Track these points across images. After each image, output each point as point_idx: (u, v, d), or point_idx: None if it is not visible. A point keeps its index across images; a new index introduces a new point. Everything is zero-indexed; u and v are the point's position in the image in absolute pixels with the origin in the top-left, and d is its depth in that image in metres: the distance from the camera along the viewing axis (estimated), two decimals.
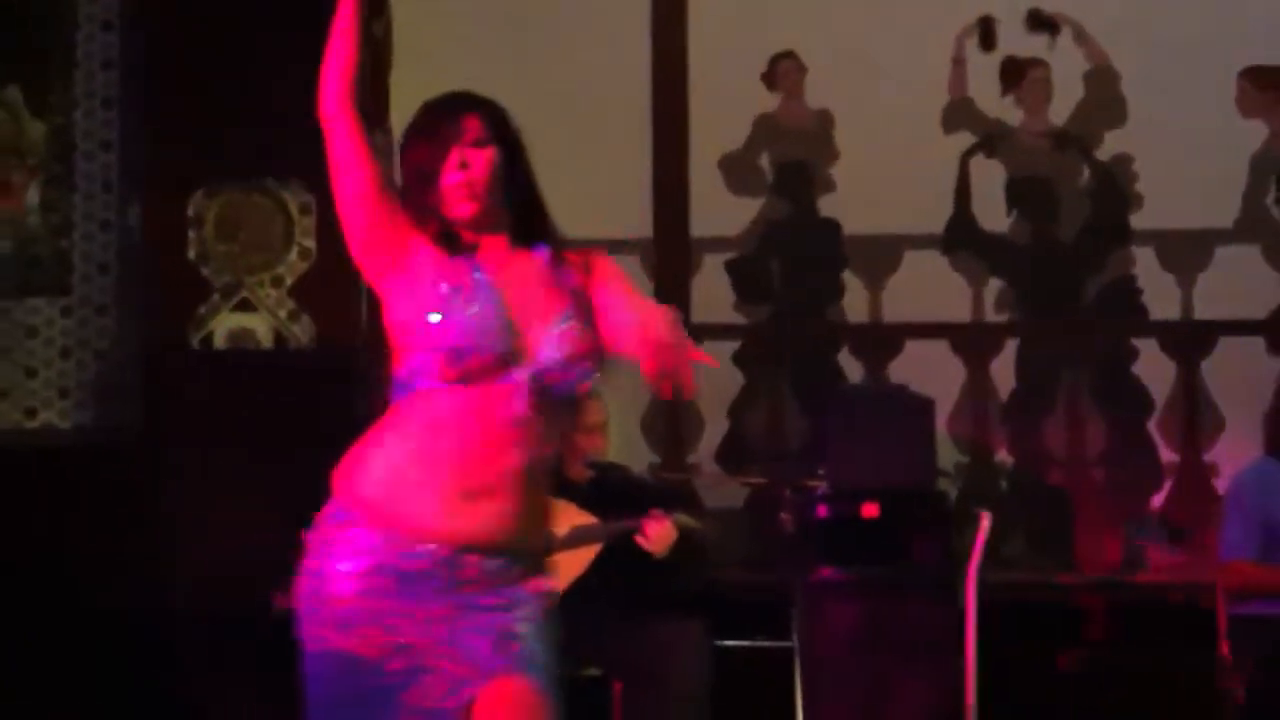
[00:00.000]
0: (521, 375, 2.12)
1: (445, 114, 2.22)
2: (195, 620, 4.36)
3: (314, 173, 4.56)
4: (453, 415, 2.11)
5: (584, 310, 2.16)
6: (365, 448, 2.18)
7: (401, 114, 5.06)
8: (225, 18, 4.58)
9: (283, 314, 4.66)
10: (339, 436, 4.70)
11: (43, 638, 4.37)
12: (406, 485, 2.12)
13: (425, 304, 2.14)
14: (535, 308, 2.16)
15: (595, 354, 2.15)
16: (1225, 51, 5.34)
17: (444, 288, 2.14)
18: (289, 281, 4.65)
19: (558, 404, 2.15)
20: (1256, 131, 5.36)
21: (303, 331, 4.64)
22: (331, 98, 2.19)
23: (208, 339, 4.67)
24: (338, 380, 4.53)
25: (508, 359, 2.12)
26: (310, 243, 4.62)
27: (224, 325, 4.67)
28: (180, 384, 4.62)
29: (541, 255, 2.22)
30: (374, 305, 4.77)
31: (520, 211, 2.22)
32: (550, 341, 2.14)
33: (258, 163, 4.59)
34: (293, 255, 4.65)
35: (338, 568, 2.12)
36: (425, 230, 2.18)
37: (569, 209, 5.78)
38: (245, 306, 4.67)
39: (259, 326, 4.67)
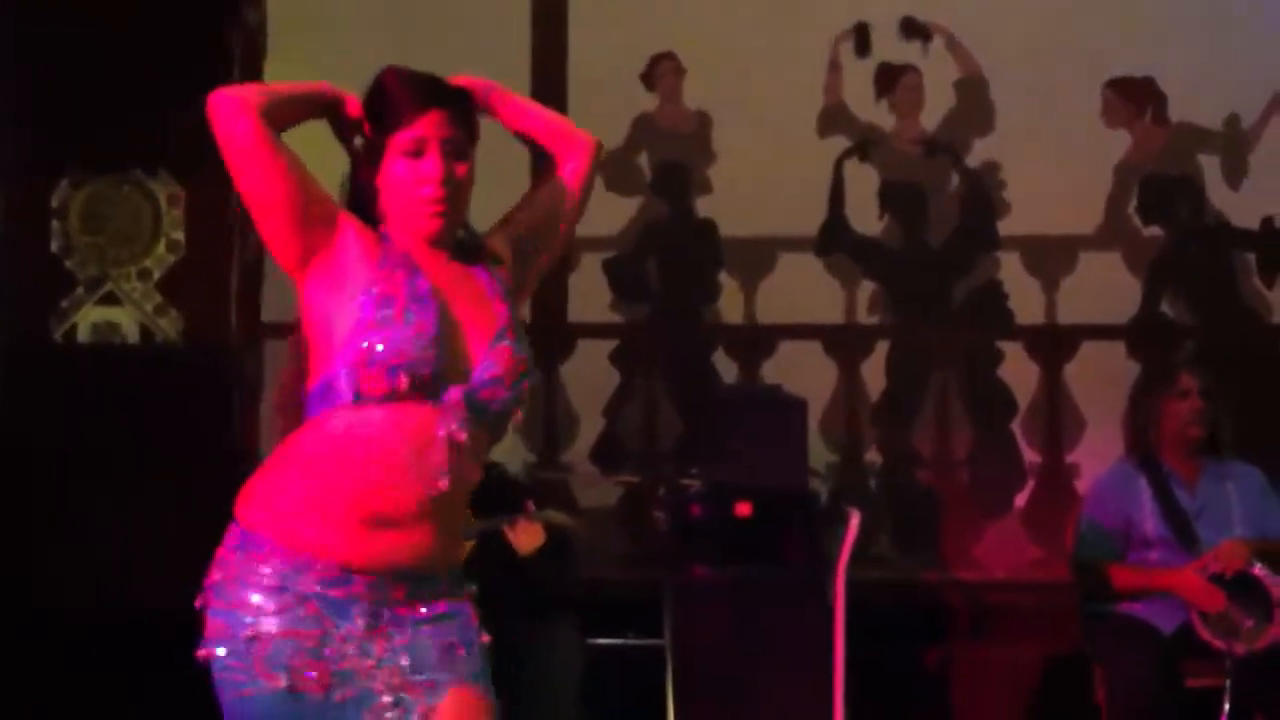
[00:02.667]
0: (455, 395, 2.00)
1: (425, 108, 2.05)
2: (57, 621, 4.25)
3: (183, 164, 4.51)
4: (377, 435, 1.98)
5: (517, 320, 2.09)
6: (275, 470, 2.05)
7: None
8: (94, 4, 4.47)
9: (150, 308, 4.56)
10: (208, 434, 4.63)
11: None
12: (324, 514, 1.99)
13: (354, 309, 1.99)
14: (473, 321, 2.04)
15: (528, 373, 2.06)
16: (1091, 63, 5.48)
17: (375, 293, 2.00)
18: (156, 275, 4.54)
19: (489, 424, 2.04)
20: (1120, 141, 5.52)
21: (171, 326, 4.54)
22: (243, 103, 2.00)
23: (71, 333, 4.55)
24: (207, 377, 4.45)
25: (442, 377, 1.99)
26: (179, 235, 4.51)
27: (88, 319, 4.55)
28: (42, 378, 4.50)
29: (480, 272, 2.11)
30: (245, 301, 4.73)
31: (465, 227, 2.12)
32: (487, 359, 2.03)
33: (125, 153, 4.49)
34: (160, 248, 4.54)
35: (253, 601, 1.99)
36: (360, 221, 2.06)
37: None
38: (111, 300, 4.55)
39: (125, 321, 4.55)
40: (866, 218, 5.47)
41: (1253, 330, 5.42)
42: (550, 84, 5.45)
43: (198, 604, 2.05)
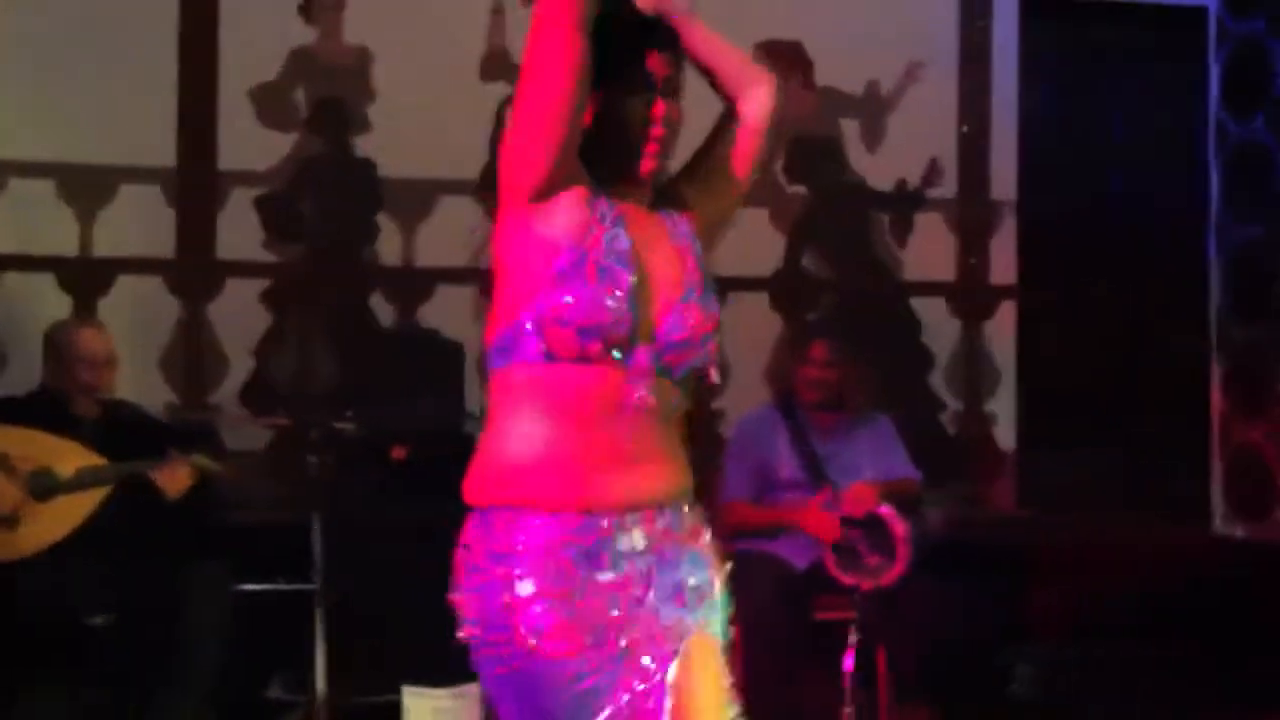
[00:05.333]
0: (643, 358, 1.96)
1: (647, 49, 2.00)
2: None
3: None
4: (573, 397, 1.94)
5: (708, 274, 2.04)
6: (491, 444, 1.99)
7: None
8: None
9: None
10: None
11: None
12: (551, 466, 1.93)
13: (550, 261, 1.92)
14: (665, 278, 2.00)
15: (716, 331, 2.02)
16: (742, 26, 5.64)
17: (572, 247, 1.93)
18: None
19: (678, 383, 2.01)
20: None
21: None
22: (580, 54, 1.90)
23: None
24: None
25: (632, 339, 1.94)
26: None
27: None
28: None
29: (673, 220, 2.06)
30: None
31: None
32: (674, 319, 1.98)
33: None
34: None
35: (514, 572, 1.91)
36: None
37: (88, 132, 5.44)
38: None
39: None
40: None
41: (885, 285, 5.76)
42: (200, 8, 5.20)
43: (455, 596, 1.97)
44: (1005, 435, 5.81)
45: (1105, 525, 5.54)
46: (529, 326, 1.94)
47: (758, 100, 2.14)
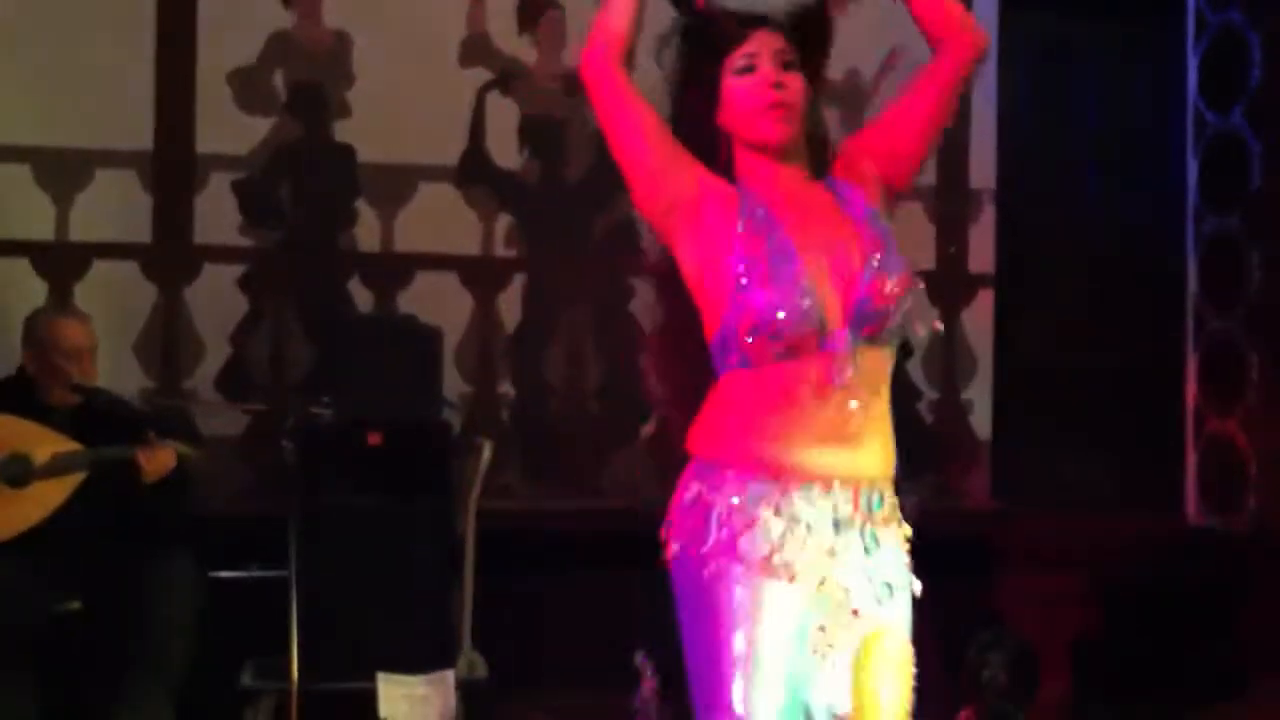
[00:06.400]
0: (841, 339, 2.05)
1: (751, 28, 2.12)
2: None
3: None
4: (784, 391, 2.04)
5: (887, 237, 2.09)
6: (722, 414, 2.10)
7: None
8: None
9: None
10: None
11: None
12: (778, 440, 2.04)
13: (724, 271, 2.04)
14: (842, 253, 2.07)
15: (912, 289, 2.06)
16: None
17: (740, 255, 2.03)
18: None
19: (886, 344, 2.08)
20: None
21: None
22: (603, 57, 2.16)
23: None
24: None
25: (823, 326, 2.03)
26: None
27: None
28: None
29: (840, 189, 2.13)
30: None
31: (812, 145, 2.15)
32: (864, 292, 2.05)
33: None
34: None
35: (759, 514, 2.03)
36: (710, 164, 2.10)
37: (65, 116, 5.42)
38: None
39: None
40: (507, 151, 5.49)
41: None
42: None
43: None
44: (981, 424, 5.83)
45: (1079, 515, 5.57)
46: (726, 338, 2.06)
47: (952, 57, 2.17)
